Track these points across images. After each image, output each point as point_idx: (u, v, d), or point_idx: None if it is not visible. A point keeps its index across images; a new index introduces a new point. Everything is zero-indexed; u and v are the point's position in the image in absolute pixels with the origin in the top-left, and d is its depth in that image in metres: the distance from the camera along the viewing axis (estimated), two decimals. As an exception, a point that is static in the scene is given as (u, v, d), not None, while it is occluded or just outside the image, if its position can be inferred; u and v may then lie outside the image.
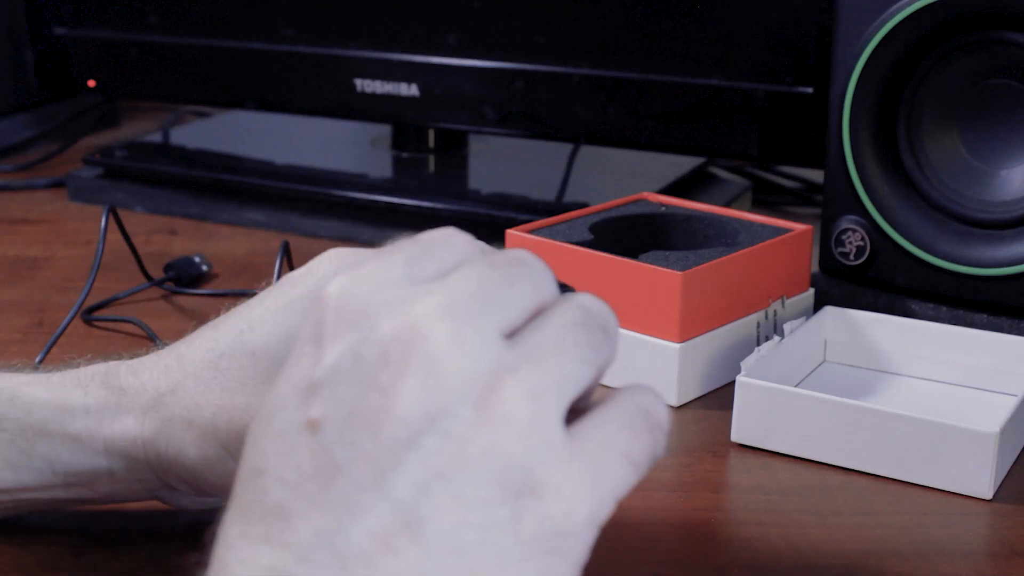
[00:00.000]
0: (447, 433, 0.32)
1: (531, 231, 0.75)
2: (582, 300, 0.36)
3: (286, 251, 0.80)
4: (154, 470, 0.52)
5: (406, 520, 0.32)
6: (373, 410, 0.32)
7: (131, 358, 0.53)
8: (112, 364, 0.53)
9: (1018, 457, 0.65)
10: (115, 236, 0.84)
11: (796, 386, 0.70)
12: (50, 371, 0.54)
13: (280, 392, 0.35)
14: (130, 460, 0.52)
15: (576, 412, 0.35)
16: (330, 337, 0.34)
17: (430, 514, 0.32)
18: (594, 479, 0.33)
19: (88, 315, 0.81)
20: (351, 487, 0.32)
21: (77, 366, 0.54)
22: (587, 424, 0.34)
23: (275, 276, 0.78)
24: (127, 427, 0.51)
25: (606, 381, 0.35)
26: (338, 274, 0.36)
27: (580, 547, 0.33)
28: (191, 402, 0.50)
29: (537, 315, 0.35)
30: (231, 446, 0.50)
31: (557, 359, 0.34)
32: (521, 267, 0.35)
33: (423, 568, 0.31)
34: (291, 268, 0.82)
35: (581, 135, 0.98)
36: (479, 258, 0.36)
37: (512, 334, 0.34)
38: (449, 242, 0.37)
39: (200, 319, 0.54)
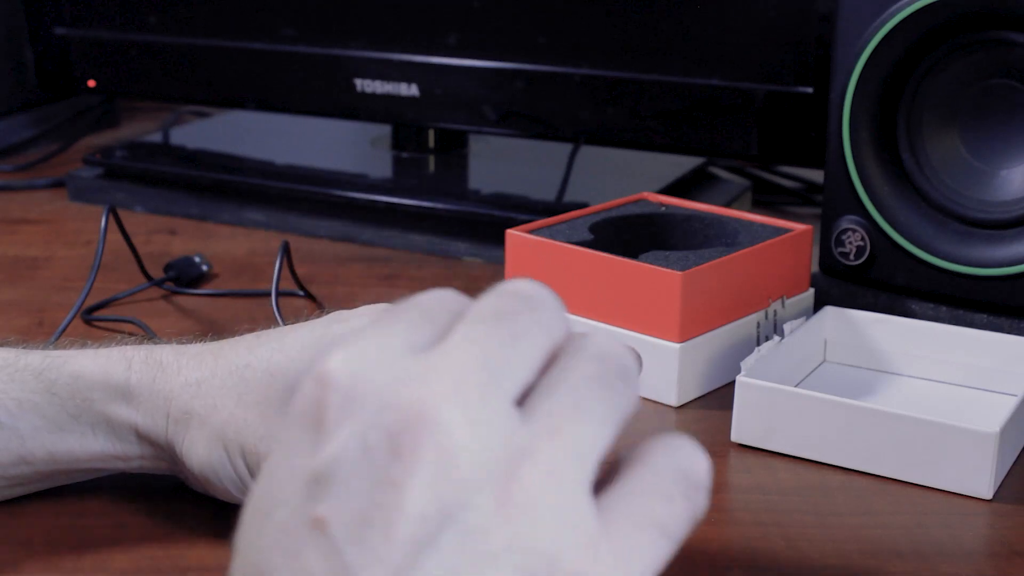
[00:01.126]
0: (466, 527, 0.29)
1: (531, 231, 0.75)
2: (597, 348, 0.33)
3: (286, 251, 0.80)
4: (171, 459, 0.55)
5: None
6: (385, 507, 0.29)
7: (179, 343, 0.57)
8: (158, 343, 0.57)
9: (1018, 457, 0.65)
10: (115, 236, 0.84)
11: (796, 386, 0.70)
12: (98, 346, 0.58)
13: (278, 481, 0.31)
14: (154, 447, 0.55)
15: (603, 472, 0.32)
16: (333, 422, 0.31)
17: None
18: (627, 561, 0.31)
19: (88, 315, 0.81)
20: None
21: (124, 343, 0.57)
22: (616, 496, 0.32)
23: (275, 276, 0.78)
24: (155, 412, 0.54)
25: None
26: (334, 349, 0.32)
27: None
28: (211, 401, 0.53)
29: (551, 362, 0.33)
30: (234, 456, 0.53)
31: (575, 427, 0.31)
32: (526, 311, 0.33)
33: None
34: (291, 268, 0.82)
35: (581, 135, 0.98)
36: (481, 310, 0.33)
37: (525, 395, 0.32)
38: (444, 301, 0.34)
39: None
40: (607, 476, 0.32)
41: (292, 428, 0.32)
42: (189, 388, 0.54)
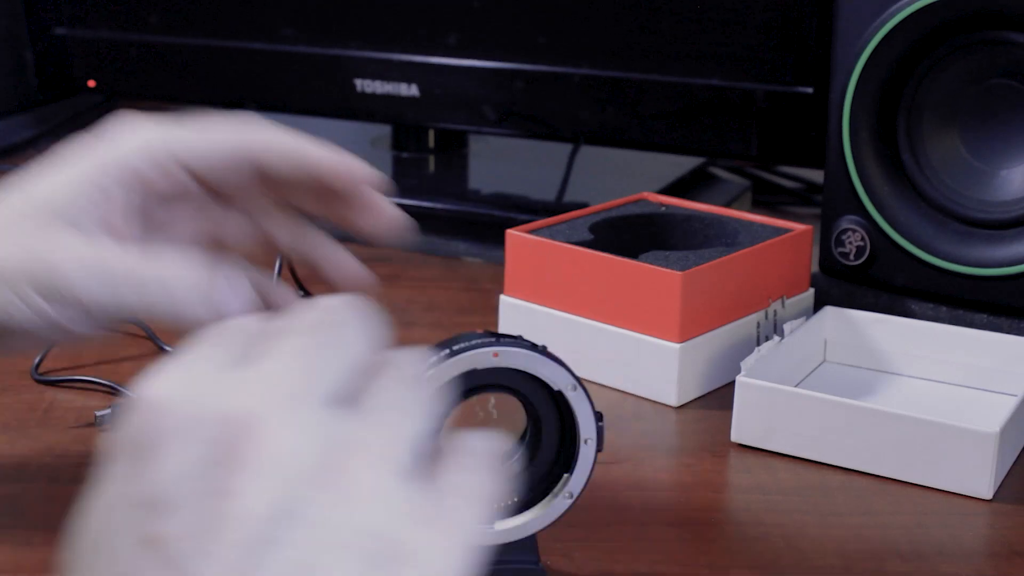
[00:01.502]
0: (301, 519, 0.31)
1: (531, 231, 0.75)
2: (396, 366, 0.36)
3: None
4: None
5: None
6: (221, 515, 0.30)
7: None
8: None
9: (1018, 457, 0.65)
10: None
11: (796, 386, 0.70)
12: None
13: (107, 511, 0.32)
14: None
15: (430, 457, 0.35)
16: (159, 444, 0.32)
17: None
18: (460, 528, 0.33)
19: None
20: None
21: None
22: (435, 476, 0.34)
23: (275, 276, 0.78)
24: None
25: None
26: (151, 379, 0.34)
27: None
28: None
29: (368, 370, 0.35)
30: (15, 284, 0.48)
31: (388, 419, 0.34)
32: (334, 326, 0.36)
33: None
34: (292, 270, 0.82)
35: (581, 135, 0.98)
36: (288, 326, 0.36)
37: (344, 397, 0.34)
38: (246, 324, 0.37)
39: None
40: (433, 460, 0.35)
41: (119, 459, 0.33)
42: None
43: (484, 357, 0.48)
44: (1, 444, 0.63)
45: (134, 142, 0.51)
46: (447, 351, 0.48)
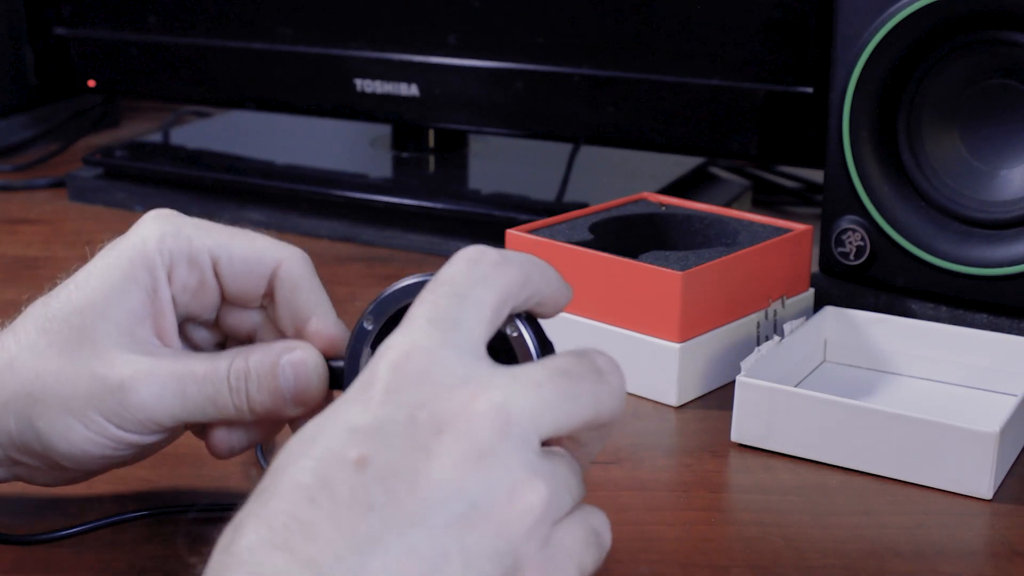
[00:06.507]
0: (474, 507, 0.36)
1: (531, 231, 0.75)
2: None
3: None
4: (5, 449, 0.51)
5: (415, 566, 0.35)
6: (416, 468, 0.36)
7: None
8: None
9: (1018, 457, 0.65)
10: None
11: (796, 386, 0.70)
12: None
13: (328, 420, 0.38)
14: None
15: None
16: (388, 391, 0.38)
17: (438, 565, 0.36)
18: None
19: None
20: (379, 526, 0.36)
21: None
22: (560, 532, 0.39)
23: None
24: None
25: None
26: (404, 335, 0.39)
27: None
28: (30, 374, 0.49)
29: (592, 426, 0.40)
30: (77, 410, 0.49)
31: (575, 481, 0.40)
32: (592, 382, 0.40)
33: None
34: None
35: (581, 135, 0.98)
36: (557, 362, 0.40)
37: (553, 441, 0.40)
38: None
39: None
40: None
41: (350, 392, 0.39)
42: (0, 377, 0.50)
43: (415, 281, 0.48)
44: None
45: (170, 231, 0.52)
46: (414, 278, 0.49)
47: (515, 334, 0.44)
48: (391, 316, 0.48)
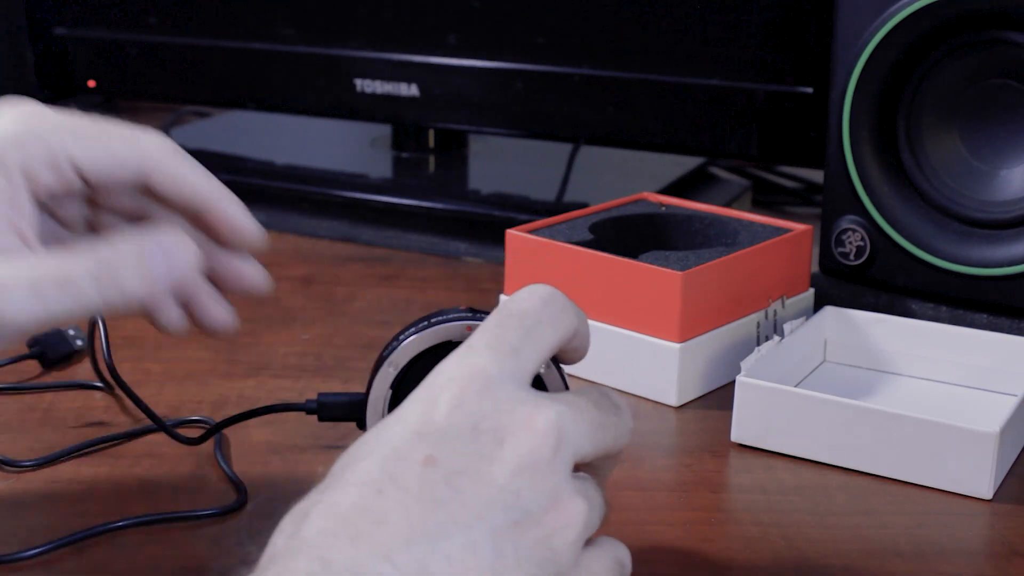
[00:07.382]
0: (527, 514, 0.39)
1: (531, 231, 0.75)
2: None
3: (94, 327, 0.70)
4: None
5: (475, 560, 0.38)
6: (479, 471, 0.39)
7: None
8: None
9: (1018, 457, 0.65)
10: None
11: (796, 386, 0.70)
12: None
13: (391, 427, 0.41)
14: None
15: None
16: (453, 404, 0.41)
17: (495, 561, 0.38)
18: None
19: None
20: (445, 518, 0.38)
21: None
22: (588, 556, 0.42)
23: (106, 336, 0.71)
24: None
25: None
26: (469, 358, 0.42)
27: None
28: None
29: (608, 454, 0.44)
30: None
31: (601, 503, 0.43)
32: (614, 416, 0.44)
33: None
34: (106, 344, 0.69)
35: (581, 135, 0.98)
36: (600, 396, 0.44)
37: (580, 465, 0.43)
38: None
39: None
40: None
41: (417, 396, 0.42)
42: None
43: (458, 329, 0.52)
44: (1, 444, 0.63)
45: (28, 135, 0.49)
46: (425, 322, 0.53)
47: (545, 370, 0.49)
48: (411, 360, 0.53)
